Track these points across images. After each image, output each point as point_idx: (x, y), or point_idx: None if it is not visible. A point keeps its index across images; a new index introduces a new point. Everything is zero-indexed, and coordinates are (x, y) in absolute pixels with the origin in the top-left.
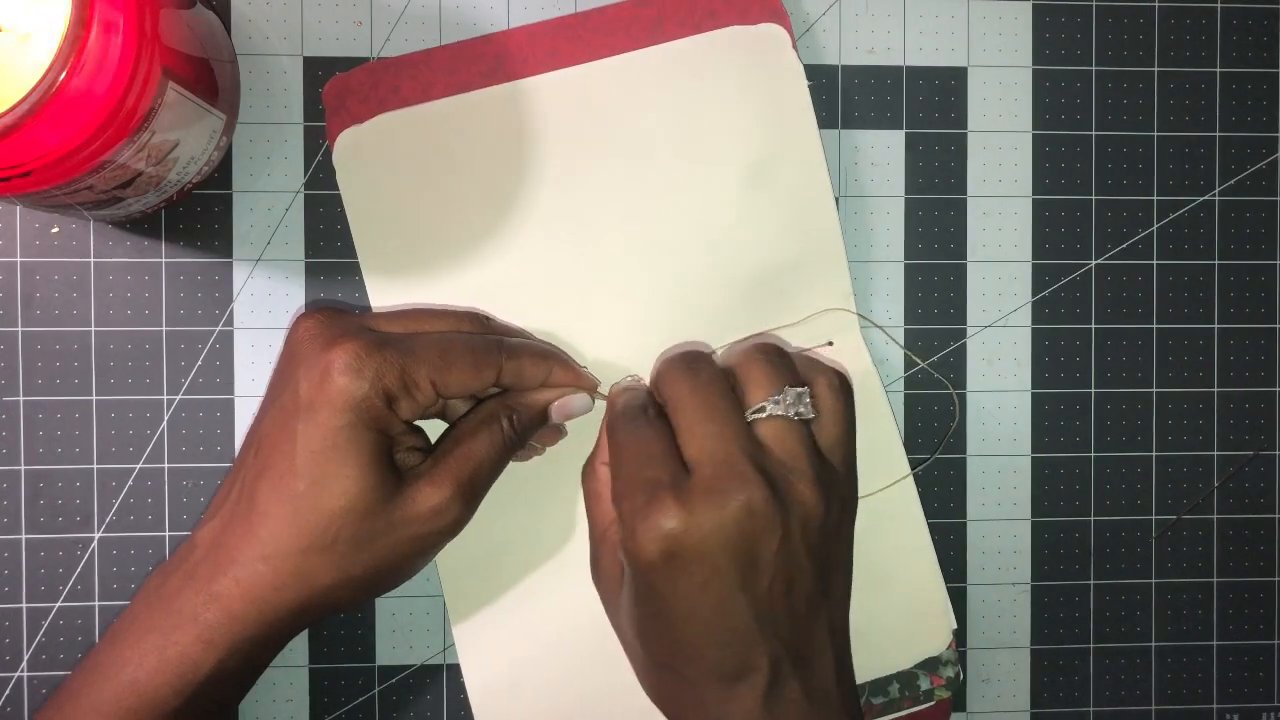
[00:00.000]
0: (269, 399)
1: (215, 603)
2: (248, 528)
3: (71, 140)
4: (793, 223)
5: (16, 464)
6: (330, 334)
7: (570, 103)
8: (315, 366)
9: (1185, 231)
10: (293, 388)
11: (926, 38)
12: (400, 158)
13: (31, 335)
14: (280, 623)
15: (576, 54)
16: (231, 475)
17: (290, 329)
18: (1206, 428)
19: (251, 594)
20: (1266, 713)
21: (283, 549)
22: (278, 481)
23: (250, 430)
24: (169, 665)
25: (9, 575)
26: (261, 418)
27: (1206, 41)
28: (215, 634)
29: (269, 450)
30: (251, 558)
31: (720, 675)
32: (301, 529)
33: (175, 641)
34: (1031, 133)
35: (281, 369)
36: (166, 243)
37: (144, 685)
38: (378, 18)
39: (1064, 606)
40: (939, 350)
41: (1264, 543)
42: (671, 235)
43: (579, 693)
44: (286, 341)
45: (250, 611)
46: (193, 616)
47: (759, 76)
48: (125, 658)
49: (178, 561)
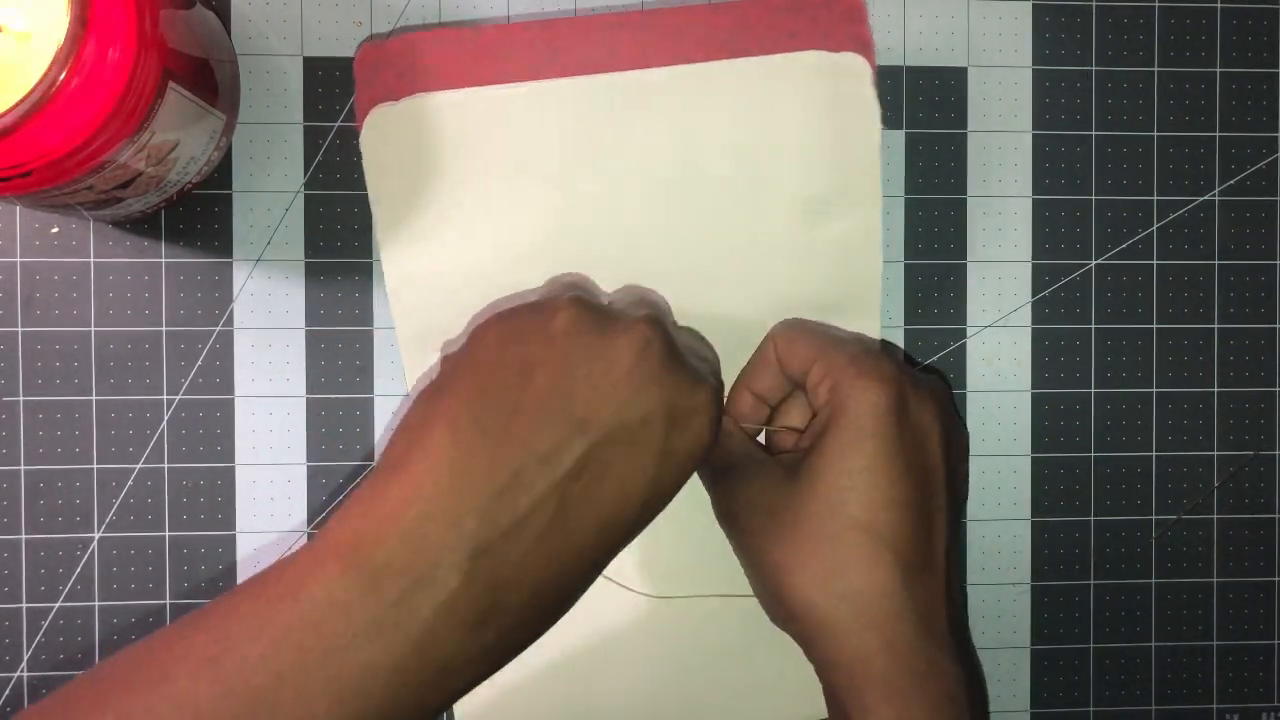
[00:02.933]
0: (582, 398)
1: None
2: (553, 554)
3: (71, 140)
4: (837, 270)
5: (16, 464)
6: (689, 370)
7: (625, 108)
8: (682, 406)
9: (1185, 231)
10: (653, 426)
11: (926, 38)
12: (432, 144)
13: (31, 335)
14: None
15: (639, 57)
16: (504, 452)
17: (630, 331)
18: (1206, 428)
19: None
20: (1266, 713)
21: (574, 585)
22: (607, 518)
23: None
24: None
25: (9, 575)
26: (580, 425)
27: (1206, 41)
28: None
29: (606, 477)
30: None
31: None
32: (604, 563)
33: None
34: (1031, 133)
35: (621, 377)
36: (166, 243)
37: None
38: (378, 18)
39: (1064, 606)
40: (939, 350)
41: (1264, 543)
42: (711, 261)
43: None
44: (623, 341)
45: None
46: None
47: (832, 109)
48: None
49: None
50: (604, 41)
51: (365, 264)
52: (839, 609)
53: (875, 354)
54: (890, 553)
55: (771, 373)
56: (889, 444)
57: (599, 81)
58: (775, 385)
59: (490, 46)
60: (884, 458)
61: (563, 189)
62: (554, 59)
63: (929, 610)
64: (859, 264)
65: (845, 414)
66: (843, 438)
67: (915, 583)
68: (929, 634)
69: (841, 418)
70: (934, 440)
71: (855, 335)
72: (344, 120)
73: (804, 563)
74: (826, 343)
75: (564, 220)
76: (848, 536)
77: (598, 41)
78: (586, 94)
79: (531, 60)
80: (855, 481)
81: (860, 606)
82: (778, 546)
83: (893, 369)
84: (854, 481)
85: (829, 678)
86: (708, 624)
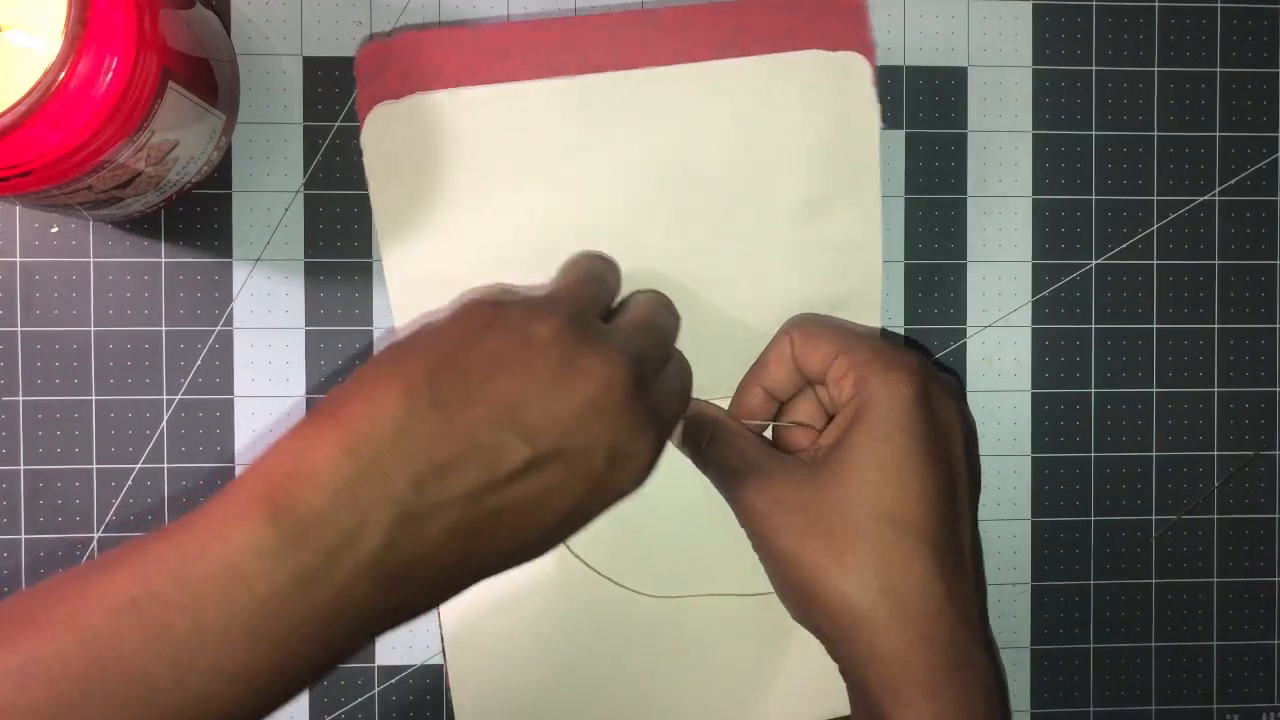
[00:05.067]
0: (535, 414)
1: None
2: (454, 565)
3: (71, 140)
4: (837, 268)
5: (16, 464)
6: (646, 412)
7: (626, 106)
8: (625, 449)
9: (1185, 231)
10: (593, 461)
11: (926, 38)
12: (434, 141)
13: (31, 335)
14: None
15: (640, 56)
16: (455, 430)
17: (606, 363)
18: (1206, 428)
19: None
20: (1266, 713)
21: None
22: (513, 547)
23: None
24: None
25: (9, 575)
26: (528, 438)
27: (1206, 41)
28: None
29: (528, 509)
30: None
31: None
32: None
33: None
34: (1031, 133)
35: (575, 411)
36: (166, 243)
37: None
38: (378, 18)
39: (1064, 606)
40: (939, 350)
41: (1264, 543)
42: (711, 260)
43: (565, 701)
44: (591, 375)
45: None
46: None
47: (831, 108)
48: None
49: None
50: (605, 41)
51: (365, 264)
52: (878, 604)
53: (899, 348)
54: (925, 545)
55: (786, 369)
56: (918, 437)
57: (600, 80)
58: (788, 381)
59: (492, 46)
60: (913, 450)
61: (563, 187)
62: (555, 58)
63: (963, 603)
64: (859, 262)
65: (873, 407)
66: (872, 432)
67: (950, 576)
68: (965, 626)
69: (869, 411)
70: (957, 432)
71: (874, 330)
72: (344, 120)
73: (838, 557)
74: (849, 337)
75: (564, 218)
76: (882, 531)
77: (599, 41)
78: (588, 92)
79: (532, 59)
80: (887, 476)
81: (898, 601)
82: (810, 544)
83: (917, 362)
84: (885, 476)
85: (861, 675)
86: (709, 624)
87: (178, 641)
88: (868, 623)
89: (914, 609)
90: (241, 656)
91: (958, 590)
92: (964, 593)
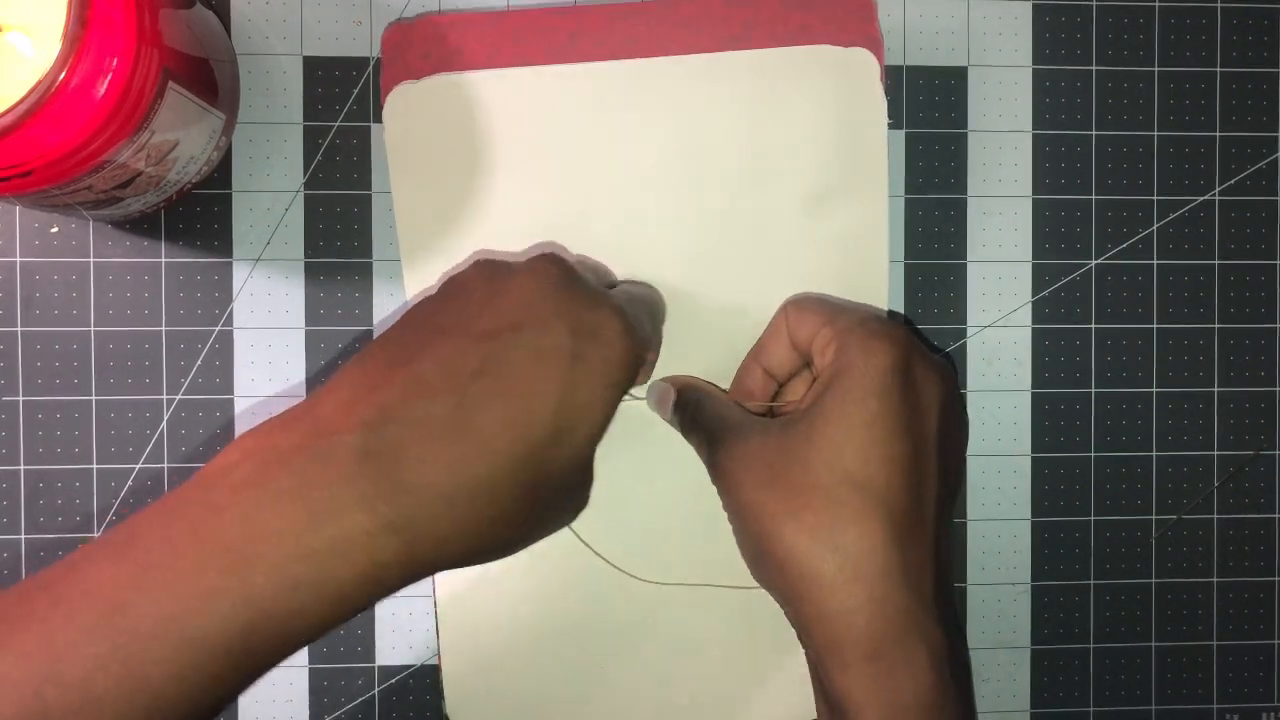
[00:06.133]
0: (484, 320)
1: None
2: (457, 450)
3: (71, 140)
4: (843, 262)
5: (16, 464)
6: (590, 291)
7: (640, 94)
8: (586, 320)
9: (1185, 231)
10: (556, 334)
11: (926, 38)
12: (452, 121)
13: (31, 335)
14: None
15: (655, 46)
16: (405, 369)
17: (530, 266)
18: (1206, 428)
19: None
20: (1266, 713)
21: (492, 489)
22: (517, 416)
23: (437, 327)
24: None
25: (9, 575)
26: (480, 336)
27: (1206, 41)
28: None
29: (511, 378)
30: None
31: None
32: (526, 478)
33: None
34: (1031, 133)
35: (519, 301)
36: (166, 243)
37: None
38: (377, 17)
39: (1064, 606)
40: (939, 350)
41: (1264, 543)
42: (719, 250)
43: (557, 699)
44: (522, 274)
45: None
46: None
47: (840, 104)
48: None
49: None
50: (622, 29)
51: (365, 264)
52: (827, 561)
53: (884, 319)
54: (883, 510)
55: (782, 345)
56: (891, 403)
57: (615, 67)
58: (786, 359)
59: (512, 30)
60: (885, 416)
61: (575, 170)
62: (572, 44)
63: (917, 572)
64: (865, 256)
65: (851, 371)
66: (846, 395)
67: (905, 543)
68: (915, 595)
69: (846, 375)
70: (933, 408)
71: (864, 305)
72: (344, 120)
73: (795, 512)
74: (835, 308)
75: (574, 201)
76: (842, 490)
77: (616, 29)
78: (604, 79)
79: (551, 44)
80: (854, 436)
81: (849, 560)
82: (771, 497)
83: (901, 333)
84: (853, 436)
85: (809, 636)
86: (709, 618)
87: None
88: (816, 580)
89: (863, 571)
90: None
91: (913, 559)
92: (920, 562)
